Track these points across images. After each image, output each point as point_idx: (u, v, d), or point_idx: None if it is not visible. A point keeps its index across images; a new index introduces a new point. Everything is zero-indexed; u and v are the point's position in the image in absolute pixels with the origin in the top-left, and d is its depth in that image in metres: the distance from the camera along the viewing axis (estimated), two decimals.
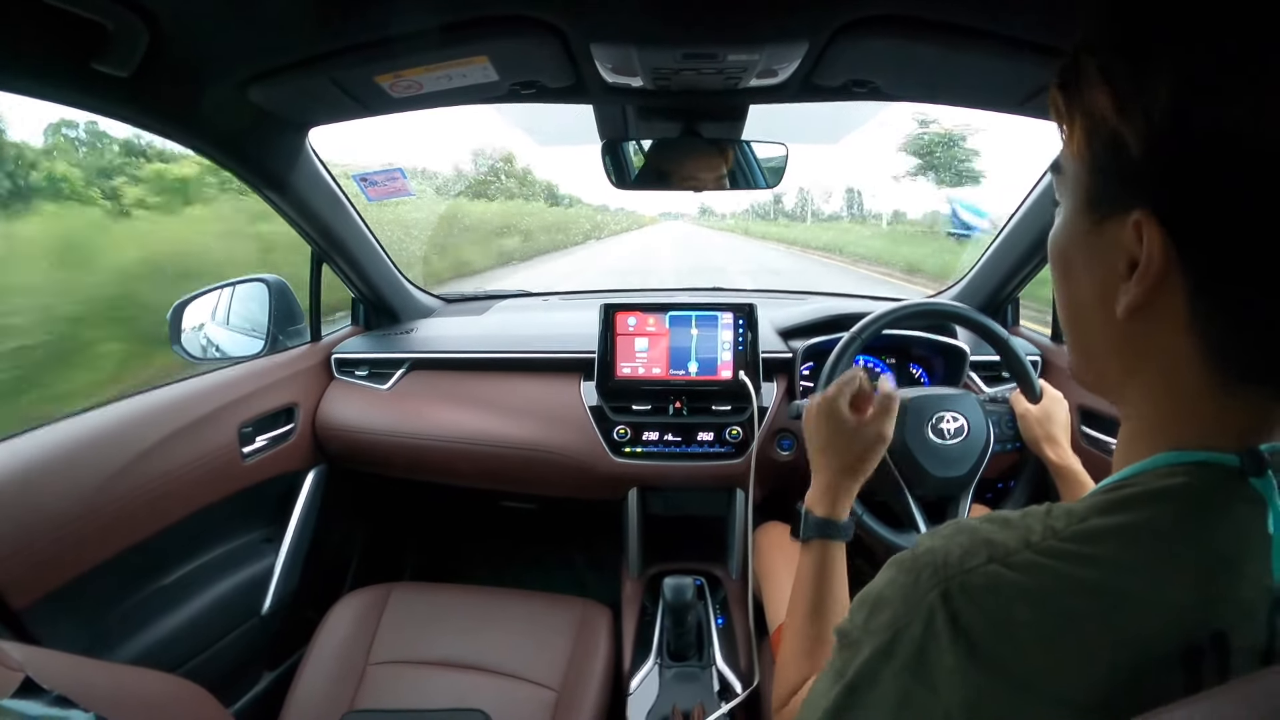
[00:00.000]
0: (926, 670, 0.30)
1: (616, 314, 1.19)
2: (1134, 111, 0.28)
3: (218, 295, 1.29)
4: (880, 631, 0.33)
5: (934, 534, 0.35)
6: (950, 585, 0.31)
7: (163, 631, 0.95)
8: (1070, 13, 0.64)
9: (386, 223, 5.57)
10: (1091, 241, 0.33)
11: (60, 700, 0.43)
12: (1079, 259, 0.35)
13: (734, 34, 0.70)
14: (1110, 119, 0.30)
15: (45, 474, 0.81)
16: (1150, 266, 0.29)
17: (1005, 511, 0.34)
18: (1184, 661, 0.27)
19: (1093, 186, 0.32)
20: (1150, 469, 0.31)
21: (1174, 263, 0.29)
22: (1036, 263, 1.22)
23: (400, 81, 0.80)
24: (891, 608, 0.33)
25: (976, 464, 0.90)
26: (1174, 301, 0.29)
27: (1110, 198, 0.31)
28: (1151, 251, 0.29)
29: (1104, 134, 0.30)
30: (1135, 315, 0.31)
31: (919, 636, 0.31)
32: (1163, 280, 0.29)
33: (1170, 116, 0.27)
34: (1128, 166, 0.29)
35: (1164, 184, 0.28)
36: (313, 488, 1.25)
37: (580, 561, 1.71)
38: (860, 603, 0.37)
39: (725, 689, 0.98)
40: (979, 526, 0.33)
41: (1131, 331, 0.32)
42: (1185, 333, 0.30)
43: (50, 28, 0.58)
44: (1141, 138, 0.28)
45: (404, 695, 0.93)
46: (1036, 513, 0.32)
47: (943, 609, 0.30)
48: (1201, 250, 0.28)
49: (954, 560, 0.31)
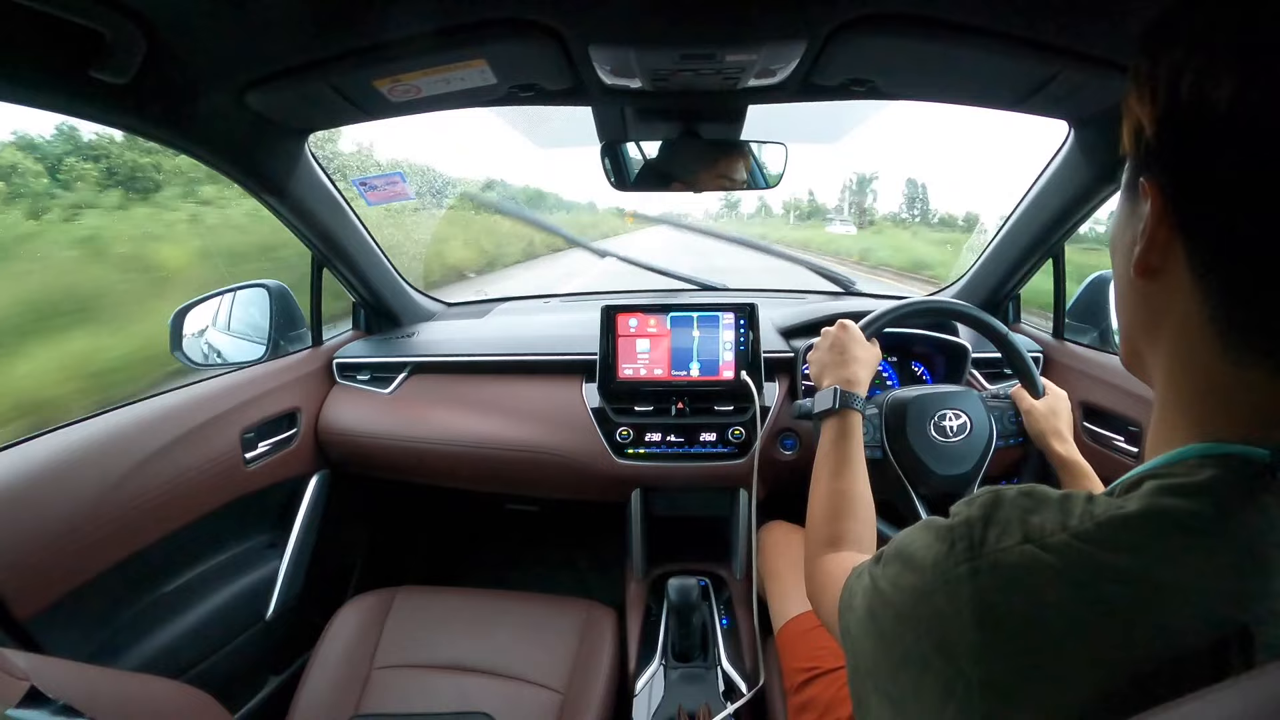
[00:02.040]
0: (948, 643, 0.31)
1: (618, 315, 1.19)
2: (1146, 99, 0.32)
3: (218, 301, 1.29)
4: (908, 593, 0.35)
5: (970, 502, 0.36)
6: (981, 563, 0.31)
7: (167, 638, 0.95)
8: (1067, 11, 0.63)
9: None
10: (1127, 218, 0.37)
11: (66, 709, 0.43)
12: (1120, 237, 0.38)
13: (732, 34, 0.70)
14: (1135, 108, 0.33)
15: (49, 482, 0.81)
16: (1148, 224, 0.33)
17: (1045, 487, 0.35)
18: (1210, 655, 0.27)
19: (1130, 170, 0.36)
20: (1181, 459, 0.32)
21: (1173, 228, 0.32)
22: (1036, 260, 1.22)
23: (398, 86, 0.80)
24: (920, 573, 0.34)
25: (980, 461, 0.90)
26: (1178, 267, 0.32)
27: (1138, 177, 0.34)
28: (1150, 210, 0.32)
29: (1134, 124, 0.34)
30: (1148, 275, 0.34)
31: (943, 609, 0.32)
32: (1165, 241, 0.32)
33: (1168, 98, 0.31)
34: (1144, 147, 0.33)
35: (1163, 155, 0.32)
36: (316, 493, 1.25)
37: (584, 563, 1.71)
38: (893, 555, 0.38)
39: (730, 689, 0.98)
40: (1017, 501, 0.34)
41: (1151, 295, 0.34)
42: (1191, 297, 0.32)
43: (48, 37, 0.58)
44: (1150, 119, 0.32)
45: (409, 699, 0.93)
46: (1078, 497, 0.33)
47: (969, 584, 0.31)
48: (1190, 213, 0.31)
49: (990, 538, 0.32)
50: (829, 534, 0.63)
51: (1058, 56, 0.71)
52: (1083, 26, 0.66)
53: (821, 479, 0.70)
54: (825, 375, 0.82)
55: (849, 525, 0.64)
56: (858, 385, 0.78)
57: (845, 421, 0.74)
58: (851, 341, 0.83)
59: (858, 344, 0.83)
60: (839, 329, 0.86)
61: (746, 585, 1.13)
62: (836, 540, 0.62)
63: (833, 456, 0.71)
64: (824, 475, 0.70)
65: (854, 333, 0.85)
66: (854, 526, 0.64)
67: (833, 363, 0.83)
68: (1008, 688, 0.29)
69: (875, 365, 0.84)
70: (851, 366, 0.81)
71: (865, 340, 0.85)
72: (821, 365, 0.84)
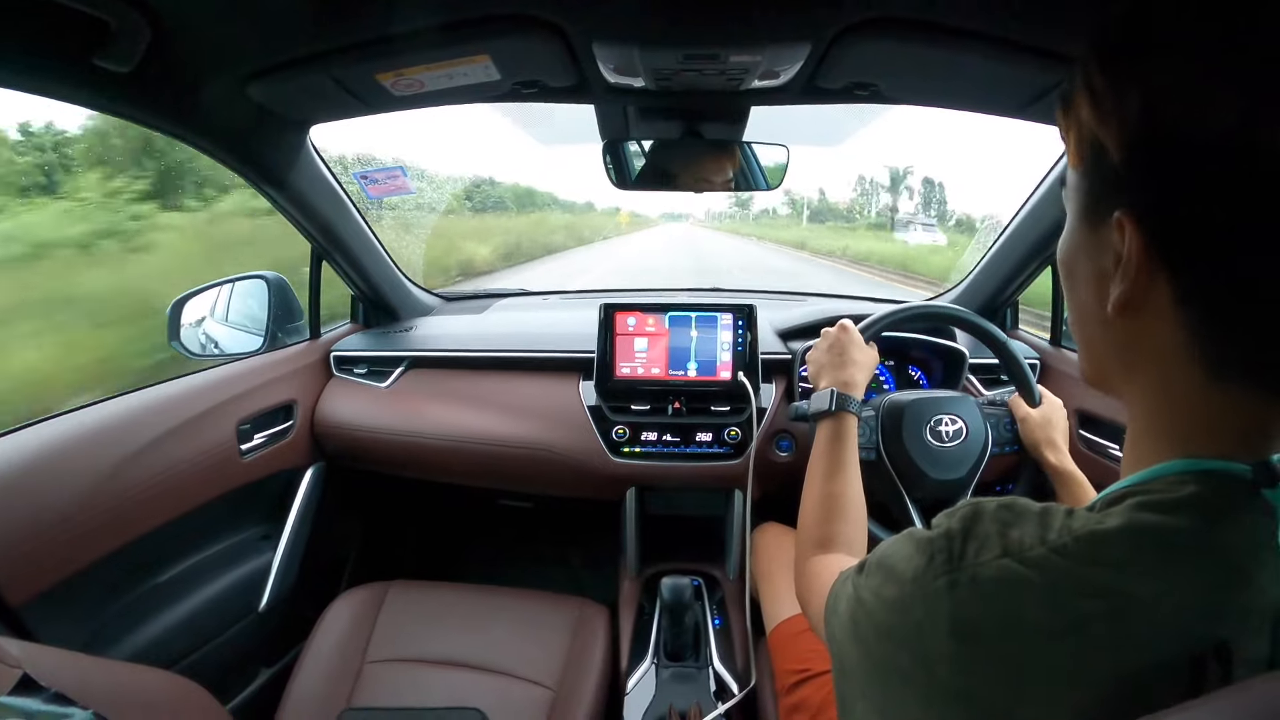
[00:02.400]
0: (927, 655, 0.31)
1: (616, 314, 1.19)
2: (1110, 120, 0.30)
3: (217, 292, 1.28)
4: (888, 605, 0.34)
5: (951, 514, 0.35)
6: (959, 576, 0.31)
7: (160, 628, 0.95)
8: (1071, 18, 0.64)
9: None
10: (1089, 245, 0.34)
11: (58, 697, 0.43)
12: (1080, 263, 0.36)
13: (736, 35, 0.70)
14: (1093, 128, 0.31)
15: (43, 470, 0.80)
16: (1130, 263, 0.30)
17: (1025, 500, 0.34)
18: (1188, 670, 0.27)
19: (1087, 193, 0.34)
20: (1161, 476, 0.32)
21: (1155, 260, 0.30)
22: (1035, 267, 1.23)
23: (402, 80, 0.80)
24: (900, 585, 0.34)
25: (975, 467, 0.90)
26: (1161, 300, 0.30)
27: (1099, 201, 0.33)
28: (1131, 249, 0.30)
29: (1089, 142, 0.32)
30: (1127, 313, 0.32)
31: (921, 621, 0.32)
32: (1147, 279, 0.30)
33: (1140, 123, 0.29)
34: (1109, 171, 0.31)
35: (1138, 185, 0.30)
36: (311, 485, 1.25)
37: (577, 561, 1.72)
38: (875, 566, 0.38)
39: (722, 689, 0.98)
40: (997, 515, 0.33)
41: (1126, 329, 0.33)
42: (1175, 330, 0.31)
43: (52, 24, 0.58)
44: (1118, 144, 0.30)
45: (401, 693, 0.93)
46: (1058, 511, 0.33)
47: (948, 596, 0.31)
48: (1176, 246, 0.29)
49: (969, 552, 0.32)
50: (820, 535, 0.64)
51: (1059, 65, 0.71)
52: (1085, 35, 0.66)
53: (815, 480, 0.71)
54: (823, 376, 0.83)
55: (840, 527, 0.64)
56: (854, 388, 0.79)
57: (840, 424, 0.74)
58: (851, 344, 0.84)
59: (857, 347, 0.84)
60: (839, 330, 0.86)
61: (739, 586, 1.13)
62: (827, 542, 0.63)
63: (827, 458, 0.72)
64: (817, 476, 0.71)
65: (854, 335, 0.85)
66: (845, 529, 0.64)
67: (831, 364, 0.83)
68: (984, 700, 0.29)
69: (873, 368, 0.85)
70: (849, 369, 0.81)
71: (864, 343, 0.85)
72: (819, 365, 0.85)
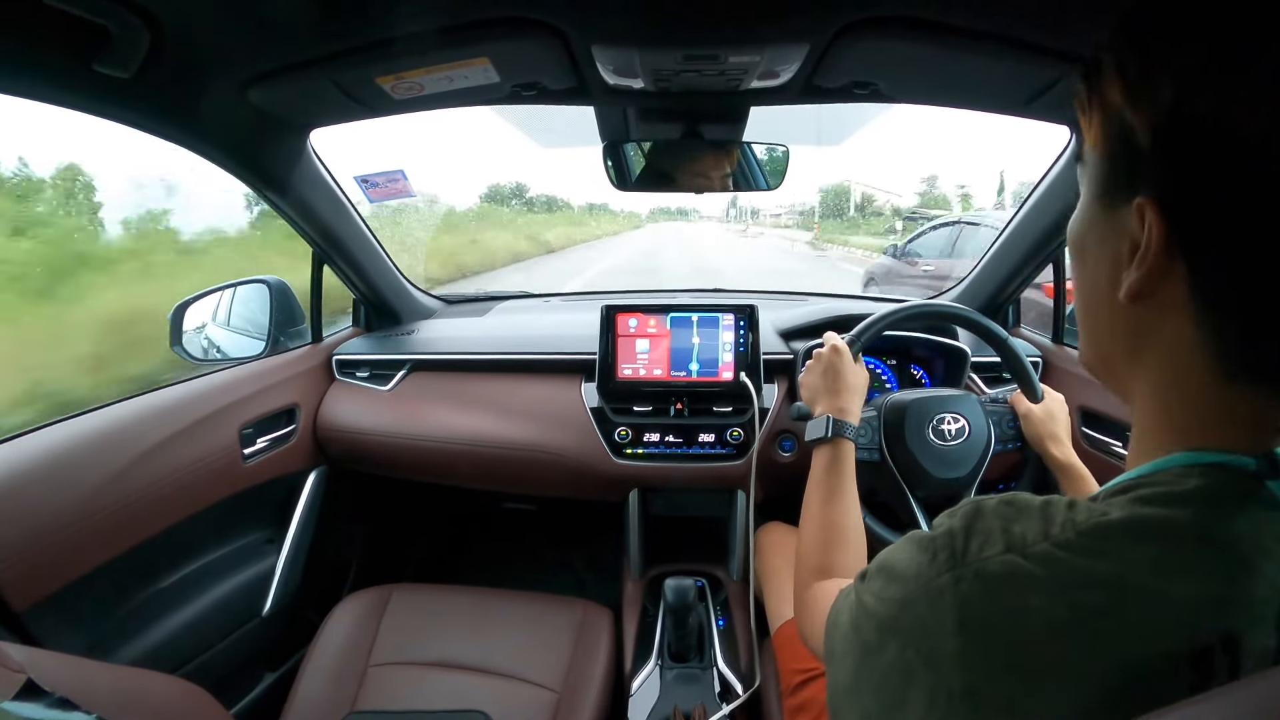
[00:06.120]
0: (931, 652, 0.31)
1: (618, 315, 1.19)
2: (1141, 103, 0.30)
3: (218, 296, 1.29)
4: (891, 604, 0.34)
5: (953, 514, 0.35)
6: (963, 572, 0.31)
7: (164, 633, 0.95)
8: (1072, 15, 0.63)
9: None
10: (1103, 227, 0.34)
11: (62, 702, 0.42)
12: (1092, 244, 0.36)
13: (735, 36, 0.70)
14: (1122, 110, 0.31)
15: (47, 475, 0.81)
16: (1149, 251, 0.30)
17: (1026, 495, 0.34)
18: (1194, 661, 0.27)
19: (1107, 174, 0.34)
20: (1166, 468, 0.32)
21: (1175, 250, 0.30)
22: (1037, 265, 1.22)
23: (401, 83, 0.80)
24: (903, 584, 0.34)
25: (978, 465, 0.90)
26: (1177, 291, 0.30)
27: (1120, 185, 0.32)
28: (1151, 236, 0.30)
29: (1117, 124, 0.32)
30: (1139, 300, 0.32)
31: (926, 617, 0.32)
32: (1164, 267, 0.30)
33: (1172, 108, 0.28)
34: (1135, 155, 0.31)
35: (1164, 171, 0.30)
36: (314, 489, 1.25)
37: (580, 563, 1.71)
38: (877, 571, 0.38)
39: (726, 690, 0.98)
40: (999, 511, 0.33)
41: (1136, 317, 0.33)
42: (1187, 323, 0.30)
43: (51, 30, 0.58)
44: (1148, 127, 0.30)
45: (405, 696, 0.93)
46: (1059, 504, 0.32)
47: (952, 592, 0.31)
48: (1199, 238, 0.29)
49: (972, 548, 0.32)
50: (819, 563, 0.64)
51: (1059, 62, 0.71)
52: (1084, 32, 0.66)
53: (813, 506, 0.71)
54: (818, 402, 0.82)
55: (839, 555, 0.64)
56: (850, 415, 0.78)
57: (838, 450, 0.74)
58: (844, 367, 0.83)
59: (849, 369, 0.83)
60: (831, 352, 0.84)
61: (743, 586, 1.13)
62: (826, 570, 0.63)
63: (824, 485, 0.72)
64: (815, 503, 0.71)
65: (845, 357, 0.84)
66: (844, 557, 0.64)
67: (826, 389, 0.82)
68: (990, 696, 0.29)
69: (865, 391, 0.84)
70: (844, 395, 0.80)
71: (855, 364, 0.84)
72: (814, 391, 0.84)
